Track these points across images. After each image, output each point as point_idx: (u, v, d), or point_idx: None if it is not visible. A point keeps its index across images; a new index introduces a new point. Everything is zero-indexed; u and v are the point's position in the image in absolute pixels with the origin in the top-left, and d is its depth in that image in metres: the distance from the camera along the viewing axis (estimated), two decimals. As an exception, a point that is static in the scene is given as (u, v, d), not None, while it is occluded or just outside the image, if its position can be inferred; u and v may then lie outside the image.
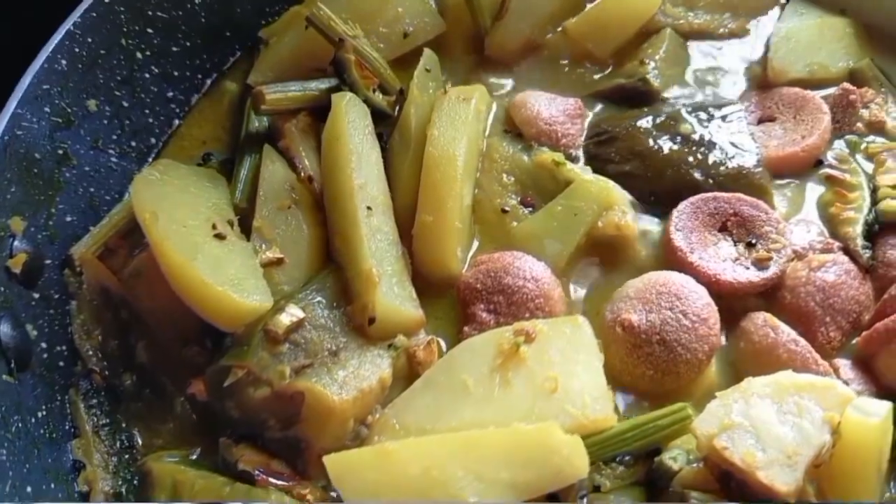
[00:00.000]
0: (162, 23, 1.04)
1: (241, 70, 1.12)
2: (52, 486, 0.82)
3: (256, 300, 0.85)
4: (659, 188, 0.97)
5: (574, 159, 1.02)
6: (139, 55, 1.02)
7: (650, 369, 0.85)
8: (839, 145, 1.01)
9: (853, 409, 0.75)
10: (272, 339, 0.84)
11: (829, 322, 0.87)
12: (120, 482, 0.85)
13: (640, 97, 1.06)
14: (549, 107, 1.03)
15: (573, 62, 1.12)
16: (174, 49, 1.07)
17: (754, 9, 1.14)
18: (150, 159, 1.05)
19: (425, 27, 1.10)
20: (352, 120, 0.95)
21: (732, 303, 0.90)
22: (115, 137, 1.01)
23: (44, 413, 0.85)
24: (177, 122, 1.08)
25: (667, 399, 0.85)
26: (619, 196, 0.96)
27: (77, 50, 0.95)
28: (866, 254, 0.91)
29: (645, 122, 1.01)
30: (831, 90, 1.04)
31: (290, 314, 0.85)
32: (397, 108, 1.03)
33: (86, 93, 0.97)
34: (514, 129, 1.03)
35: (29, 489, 0.79)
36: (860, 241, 0.91)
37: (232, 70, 1.13)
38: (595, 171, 0.99)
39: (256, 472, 0.81)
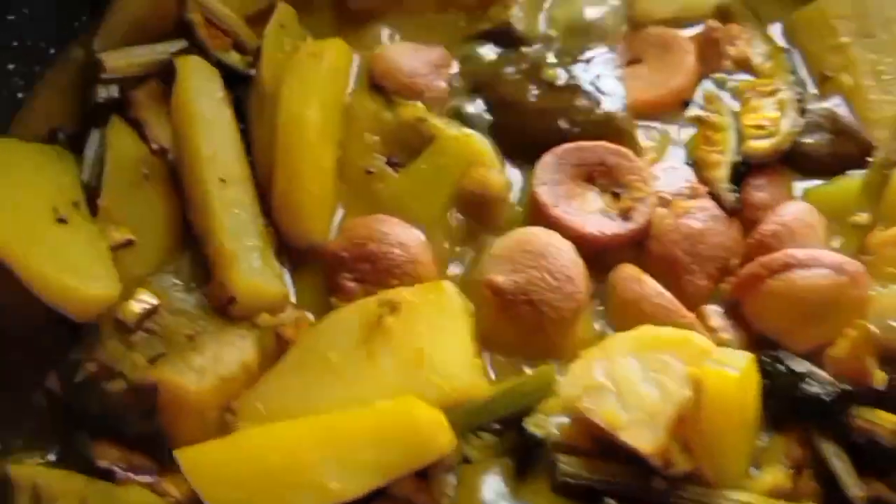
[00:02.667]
0: (-7, -10, 0.96)
1: (89, 35, 1.04)
2: None
3: (101, 287, 0.81)
4: (527, 139, 0.94)
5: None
6: (-33, 25, 0.95)
7: (519, 329, 0.84)
8: (707, 85, 0.99)
9: (712, 362, 0.74)
10: (123, 329, 0.80)
11: (697, 270, 0.86)
12: (-22, 490, 0.81)
13: (506, 42, 1.02)
14: (411, 59, 0.98)
15: (439, 9, 1.06)
16: (10, 18, 0.98)
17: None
18: (-5, 141, 0.98)
19: (281, -23, 1.04)
20: (198, 85, 0.90)
21: (605, 256, 0.88)
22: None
23: None
24: (20, 95, 1.01)
25: (540, 357, 0.84)
26: (485, 150, 0.92)
27: None
28: (732, 196, 0.89)
29: (510, 70, 0.98)
30: (699, 28, 1.02)
31: (141, 301, 0.81)
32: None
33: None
34: (376, 83, 0.98)
35: None
36: (725, 185, 0.89)
37: (79, 35, 1.05)
38: (462, 123, 0.96)
39: (116, 468, 0.78)
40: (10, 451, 0.83)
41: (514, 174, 0.94)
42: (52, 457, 0.82)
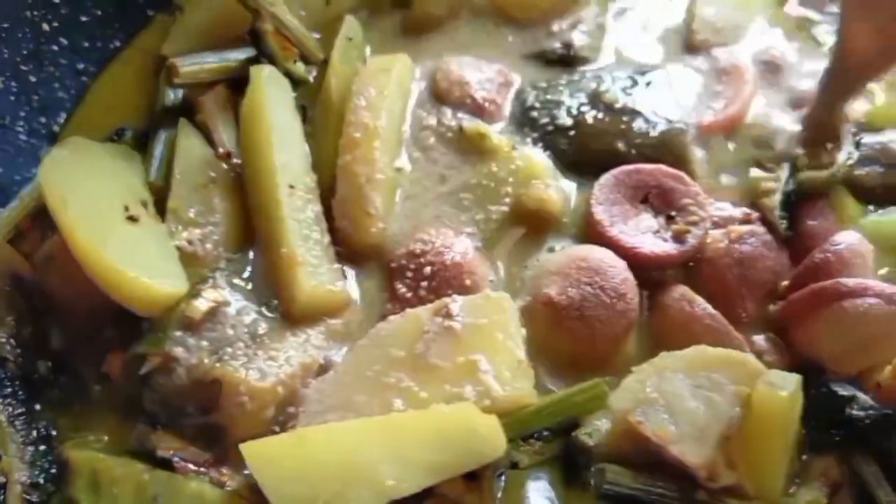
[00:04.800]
0: (69, -9, 1.00)
1: (154, 36, 1.08)
2: (-34, 479, 0.81)
3: (170, 285, 0.83)
4: (584, 158, 0.97)
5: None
6: (45, 27, 0.98)
7: (570, 343, 0.86)
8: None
9: (763, 383, 0.76)
10: (189, 325, 0.83)
11: (746, 293, 0.88)
12: (37, 472, 0.83)
13: (566, 62, 1.05)
14: (473, 73, 1.01)
15: (500, 24, 1.10)
16: (83, 19, 1.02)
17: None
18: (62, 137, 1.01)
19: (349, -8, 1.08)
20: (272, 94, 0.92)
21: (654, 275, 0.90)
22: (22, 114, 0.97)
23: (-46, 405, 0.84)
24: (85, 92, 1.04)
25: (587, 369, 0.86)
26: (543, 167, 0.95)
27: (-23, 25, 0.91)
28: (783, 224, 0.91)
29: (569, 91, 1.01)
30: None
31: (207, 298, 0.84)
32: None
33: (-11, 69, 0.93)
34: (439, 96, 1.01)
35: (-59, 486, 0.78)
36: (778, 212, 0.92)
37: (144, 37, 1.09)
38: (520, 140, 0.99)
39: (175, 458, 0.81)
40: (70, 437, 0.85)
41: (568, 188, 0.97)
42: (110, 445, 0.85)
